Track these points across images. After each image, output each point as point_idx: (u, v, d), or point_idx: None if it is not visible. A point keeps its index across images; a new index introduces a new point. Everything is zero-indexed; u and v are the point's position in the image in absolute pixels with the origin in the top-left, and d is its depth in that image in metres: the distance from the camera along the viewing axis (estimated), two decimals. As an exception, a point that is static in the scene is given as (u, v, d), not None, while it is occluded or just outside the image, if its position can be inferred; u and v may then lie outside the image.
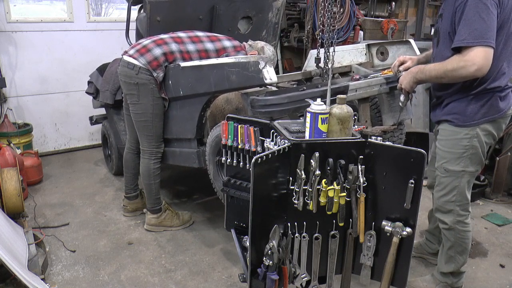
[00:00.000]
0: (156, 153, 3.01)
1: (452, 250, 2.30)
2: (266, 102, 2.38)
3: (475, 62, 1.87)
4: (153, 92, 2.81)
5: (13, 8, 4.24)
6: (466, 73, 1.91)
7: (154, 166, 3.02)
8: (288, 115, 2.59)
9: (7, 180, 3.01)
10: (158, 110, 2.88)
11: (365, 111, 2.95)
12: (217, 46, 2.87)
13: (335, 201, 1.71)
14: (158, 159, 3.03)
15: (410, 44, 3.42)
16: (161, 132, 2.98)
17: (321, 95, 2.45)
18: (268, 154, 1.63)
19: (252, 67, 2.34)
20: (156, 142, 2.98)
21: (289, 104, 2.41)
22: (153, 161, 3.01)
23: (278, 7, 3.85)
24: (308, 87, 2.62)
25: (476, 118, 2.08)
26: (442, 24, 2.11)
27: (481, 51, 1.86)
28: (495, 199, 3.70)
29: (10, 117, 4.26)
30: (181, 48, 2.81)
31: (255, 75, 2.33)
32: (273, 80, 2.32)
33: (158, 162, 3.04)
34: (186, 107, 2.85)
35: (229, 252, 2.87)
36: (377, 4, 6.65)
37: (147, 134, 2.95)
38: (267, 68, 2.31)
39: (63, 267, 2.71)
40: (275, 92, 2.56)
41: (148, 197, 3.09)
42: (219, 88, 2.57)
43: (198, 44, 2.85)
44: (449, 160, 2.17)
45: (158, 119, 2.91)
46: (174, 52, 2.79)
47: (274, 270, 1.69)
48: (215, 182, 2.82)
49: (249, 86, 2.47)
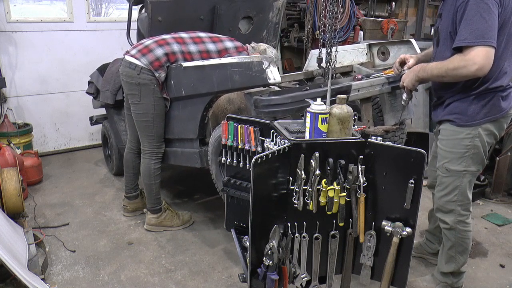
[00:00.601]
0: (157, 153, 3.01)
1: (452, 250, 2.30)
2: (270, 102, 2.38)
3: (476, 62, 1.87)
4: (154, 92, 2.81)
5: (13, 8, 4.24)
6: (467, 73, 1.91)
7: (155, 166, 3.01)
8: (291, 115, 2.59)
9: (7, 180, 3.01)
10: (159, 111, 2.88)
11: (367, 111, 2.96)
12: (219, 47, 2.87)
13: (335, 201, 1.71)
14: (158, 159, 3.03)
15: (411, 44, 3.42)
16: (162, 132, 2.98)
17: (324, 95, 2.44)
18: (268, 154, 1.63)
19: (255, 67, 2.33)
20: (157, 142, 2.98)
21: (292, 104, 2.41)
22: (154, 161, 3.01)
23: (279, 7, 3.85)
24: (311, 87, 2.61)
25: (478, 118, 2.08)
26: (441, 24, 2.12)
27: (482, 50, 1.86)
28: (495, 199, 3.70)
29: (10, 117, 4.26)
30: (183, 48, 2.81)
31: (258, 75, 2.32)
32: (277, 80, 2.32)
33: (159, 162, 3.04)
34: (188, 107, 2.84)
35: (229, 252, 2.87)
36: (377, 4, 6.65)
37: (148, 134, 2.95)
38: (270, 68, 2.30)
39: (63, 267, 2.71)
40: (278, 92, 2.56)
41: (148, 197, 3.09)
42: (221, 88, 2.57)
43: (200, 45, 2.85)
44: (450, 160, 2.17)
45: (159, 119, 2.91)
46: (176, 53, 2.79)
47: (274, 270, 1.69)
48: (217, 182, 2.82)
49: (252, 86, 2.46)
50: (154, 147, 2.98)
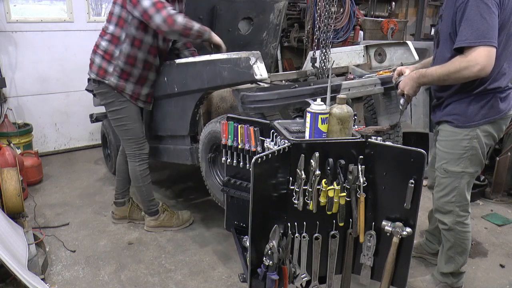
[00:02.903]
0: (140, 155, 2.95)
1: (452, 250, 2.30)
2: (256, 98, 2.38)
3: (478, 62, 1.86)
4: (117, 97, 2.81)
5: (13, 8, 4.24)
6: (469, 74, 1.90)
7: (140, 168, 2.96)
8: (279, 112, 2.59)
9: (7, 180, 3.01)
10: (129, 113, 2.85)
11: (358, 111, 2.95)
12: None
13: (335, 201, 1.71)
14: (143, 161, 2.97)
15: (408, 46, 3.42)
16: (140, 134, 2.93)
17: (313, 93, 2.46)
18: (268, 154, 1.63)
19: (243, 63, 2.33)
20: (136, 144, 2.93)
21: (279, 101, 2.40)
22: (138, 163, 2.95)
23: (280, 8, 3.84)
24: (299, 85, 2.61)
25: (476, 119, 2.08)
26: (442, 25, 2.11)
27: (483, 50, 1.85)
28: (495, 199, 3.70)
29: (10, 117, 4.26)
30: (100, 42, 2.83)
31: (246, 71, 2.32)
32: (263, 76, 2.31)
33: (144, 164, 2.98)
34: (180, 104, 2.86)
35: (229, 252, 2.87)
36: (377, 4, 6.66)
37: (126, 138, 2.92)
38: (257, 64, 2.30)
39: (63, 267, 2.71)
40: (266, 88, 2.56)
41: (142, 200, 3.09)
42: (211, 84, 2.58)
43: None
44: (448, 161, 2.17)
45: (132, 121, 2.87)
46: (107, 51, 2.77)
47: (274, 270, 1.69)
48: (207, 179, 2.83)
49: (240, 82, 2.46)
50: (135, 150, 2.93)
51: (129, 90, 2.81)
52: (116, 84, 2.77)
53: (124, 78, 2.77)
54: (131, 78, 2.79)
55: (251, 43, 3.83)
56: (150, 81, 2.88)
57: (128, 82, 2.79)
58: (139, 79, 2.81)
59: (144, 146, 2.96)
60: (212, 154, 2.78)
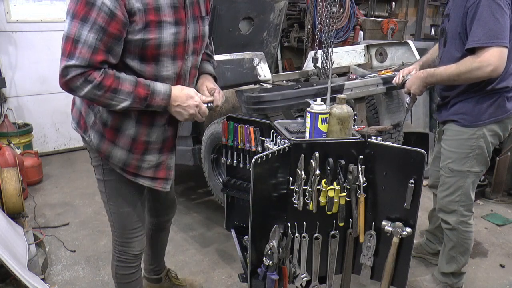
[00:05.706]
0: (120, 252, 1.94)
1: (454, 250, 2.30)
2: (260, 99, 2.38)
3: (491, 63, 1.85)
4: (100, 161, 1.79)
5: (13, 8, 4.24)
6: (481, 74, 1.90)
7: (117, 270, 1.98)
8: (282, 113, 2.59)
9: (7, 180, 3.01)
10: (110, 190, 1.83)
11: (361, 111, 2.96)
12: None
13: (335, 201, 1.71)
14: (122, 262, 1.95)
15: (409, 45, 3.42)
16: (125, 225, 1.89)
17: (316, 93, 2.46)
18: (268, 154, 1.62)
19: (246, 64, 2.33)
20: (118, 236, 1.93)
21: (282, 101, 2.41)
22: (116, 263, 1.98)
23: (280, 8, 3.85)
24: (302, 85, 2.61)
25: (483, 119, 2.07)
26: (449, 25, 2.10)
27: (496, 51, 1.85)
28: (495, 199, 3.70)
29: (10, 117, 4.26)
30: None
31: (249, 71, 2.33)
32: (267, 76, 2.32)
33: (124, 268, 1.96)
34: None
35: (229, 252, 2.87)
36: (377, 4, 6.67)
37: (110, 224, 1.97)
38: (261, 65, 2.30)
39: (63, 267, 2.71)
40: (269, 89, 2.56)
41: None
42: None
43: None
44: (454, 160, 2.17)
45: (114, 203, 1.85)
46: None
47: (274, 270, 1.69)
48: (210, 180, 2.82)
49: (244, 83, 2.46)
50: (115, 243, 1.96)
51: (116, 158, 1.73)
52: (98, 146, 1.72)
53: (108, 138, 1.70)
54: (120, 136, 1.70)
55: (251, 43, 3.83)
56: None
57: (116, 146, 1.71)
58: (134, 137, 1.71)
59: (129, 243, 1.92)
60: (214, 155, 2.78)
